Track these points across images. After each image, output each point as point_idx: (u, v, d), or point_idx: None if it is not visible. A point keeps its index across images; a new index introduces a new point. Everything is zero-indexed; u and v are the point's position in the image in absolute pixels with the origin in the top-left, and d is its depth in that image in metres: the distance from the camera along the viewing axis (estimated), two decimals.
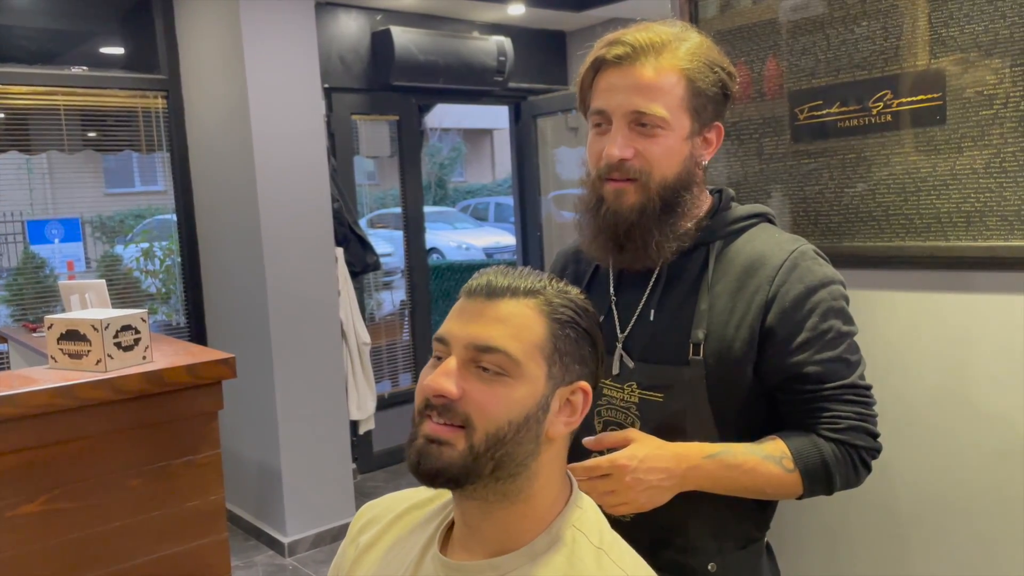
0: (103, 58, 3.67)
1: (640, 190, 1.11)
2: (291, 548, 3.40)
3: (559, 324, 0.86)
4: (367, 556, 0.99)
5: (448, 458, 0.82)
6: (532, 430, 0.84)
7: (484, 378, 0.83)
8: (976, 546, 1.36)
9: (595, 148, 1.14)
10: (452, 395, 0.81)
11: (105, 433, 1.79)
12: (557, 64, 5.09)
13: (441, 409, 0.82)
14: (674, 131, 1.10)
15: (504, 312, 0.84)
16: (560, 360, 0.85)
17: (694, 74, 1.10)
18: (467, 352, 0.83)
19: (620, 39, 1.11)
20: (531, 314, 0.85)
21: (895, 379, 1.41)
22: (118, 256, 4.11)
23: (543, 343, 0.84)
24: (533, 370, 0.84)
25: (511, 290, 0.85)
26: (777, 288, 1.10)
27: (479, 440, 0.81)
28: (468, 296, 0.87)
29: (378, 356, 4.43)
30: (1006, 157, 1.28)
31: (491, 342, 0.82)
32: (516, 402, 0.83)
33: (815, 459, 1.08)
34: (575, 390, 0.88)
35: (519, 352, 0.83)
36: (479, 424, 0.81)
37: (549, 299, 0.86)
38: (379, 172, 9.51)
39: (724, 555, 1.14)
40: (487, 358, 0.82)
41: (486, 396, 0.82)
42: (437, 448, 0.82)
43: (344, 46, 4.13)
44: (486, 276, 0.88)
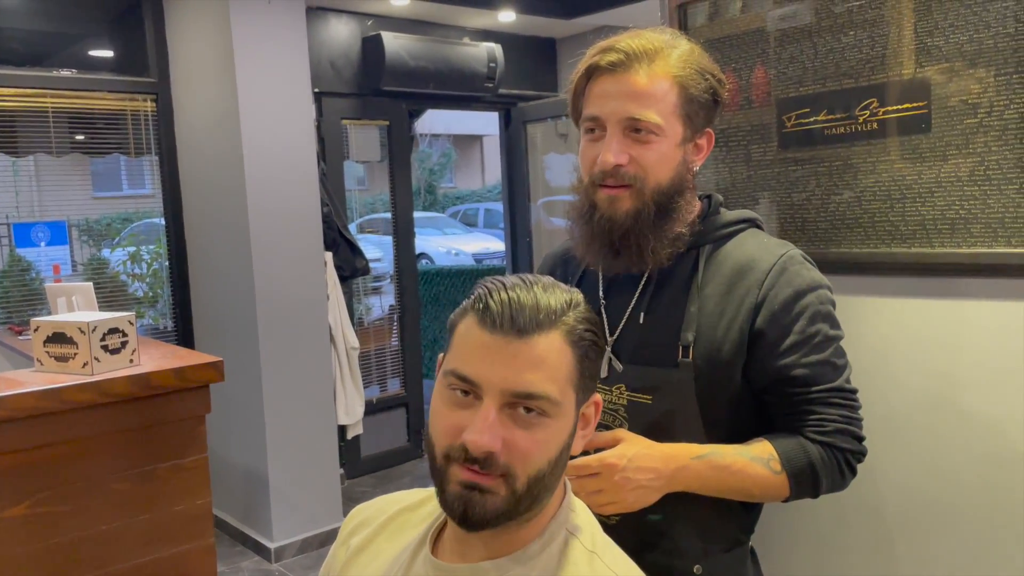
0: (92, 61, 3.66)
1: (635, 196, 1.12)
2: (278, 553, 3.38)
3: (582, 349, 0.84)
4: (358, 559, 0.99)
5: (493, 506, 0.80)
6: (564, 458, 0.84)
7: (523, 422, 0.80)
8: (962, 550, 1.37)
9: (588, 154, 1.15)
10: (497, 450, 0.79)
11: (91, 436, 1.79)
12: (547, 71, 5.11)
13: (482, 463, 0.79)
14: (667, 137, 1.12)
15: (538, 353, 0.80)
16: (583, 383, 0.85)
17: (686, 81, 1.12)
18: (503, 398, 0.80)
19: (613, 46, 1.12)
20: (559, 347, 0.82)
21: (881, 383, 1.42)
22: (105, 260, 4.09)
23: (572, 374, 0.83)
24: (567, 404, 0.83)
25: (538, 324, 0.80)
26: (766, 291, 1.11)
27: (521, 485, 0.80)
28: (491, 330, 0.81)
29: (367, 361, 4.42)
30: (990, 165, 1.29)
31: (532, 388, 0.79)
32: (554, 443, 0.82)
33: (802, 461, 1.09)
34: (589, 404, 0.89)
35: (557, 393, 0.81)
36: (521, 472, 0.80)
37: (571, 326, 0.83)
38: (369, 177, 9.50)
39: (709, 557, 1.15)
40: (529, 404, 0.80)
41: (529, 443, 0.80)
42: (480, 496, 0.80)
43: (335, 51, 4.14)
44: (504, 301, 0.81)
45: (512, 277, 0.86)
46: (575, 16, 4.40)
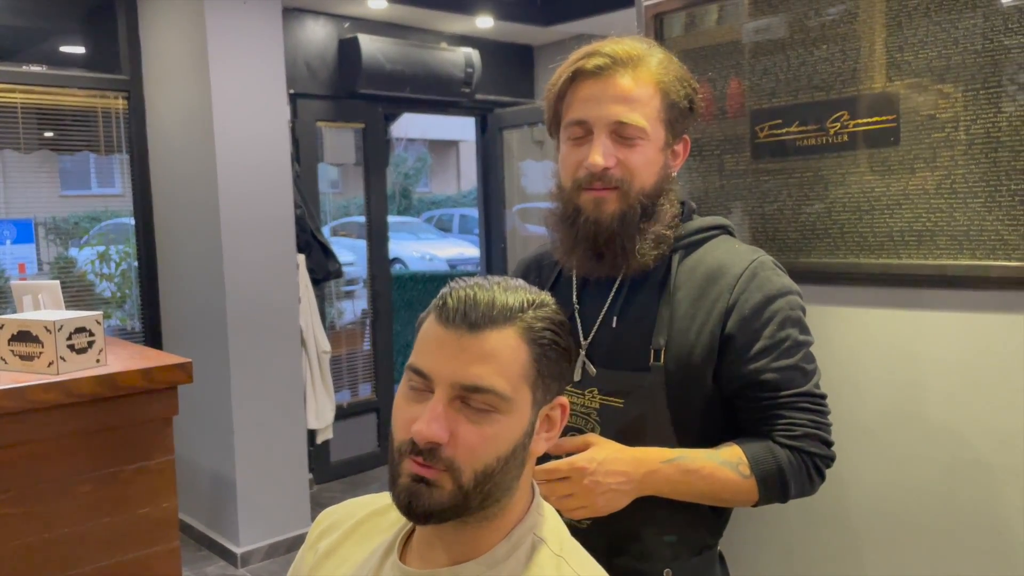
0: (63, 57, 3.61)
1: (621, 198, 1.13)
2: (244, 559, 3.35)
3: (541, 348, 0.84)
4: (326, 563, 0.98)
5: (438, 499, 0.80)
6: (518, 457, 0.84)
7: (472, 417, 0.80)
8: (927, 557, 1.39)
9: (572, 158, 1.15)
10: (443, 441, 0.79)
11: (56, 437, 1.75)
12: (524, 77, 5.13)
13: (427, 454, 0.80)
14: (652, 141, 1.14)
15: (488, 347, 0.81)
16: (542, 383, 0.85)
17: (668, 87, 1.14)
18: (453, 391, 0.80)
19: (598, 51, 1.14)
20: (514, 344, 0.82)
21: (848, 392, 1.44)
22: (72, 259, 4.02)
23: (527, 371, 0.83)
24: (520, 402, 0.82)
25: (491, 319, 0.81)
26: (737, 296, 1.12)
27: (467, 480, 0.80)
28: (445, 324, 0.82)
29: (338, 365, 4.39)
30: (956, 179, 1.32)
31: (480, 382, 0.80)
32: (504, 438, 0.82)
33: (771, 465, 1.10)
34: (554, 406, 0.88)
35: (507, 388, 0.81)
36: (466, 465, 0.80)
37: (529, 323, 0.83)
38: (343, 181, 9.45)
39: (679, 561, 1.16)
40: (476, 398, 0.80)
41: (475, 437, 0.80)
42: (427, 489, 0.80)
43: (311, 52, 4.12)
44: (461, 297, 0.83)
45: (478, 277, 0.87)
46: (553, 24, 4.42)
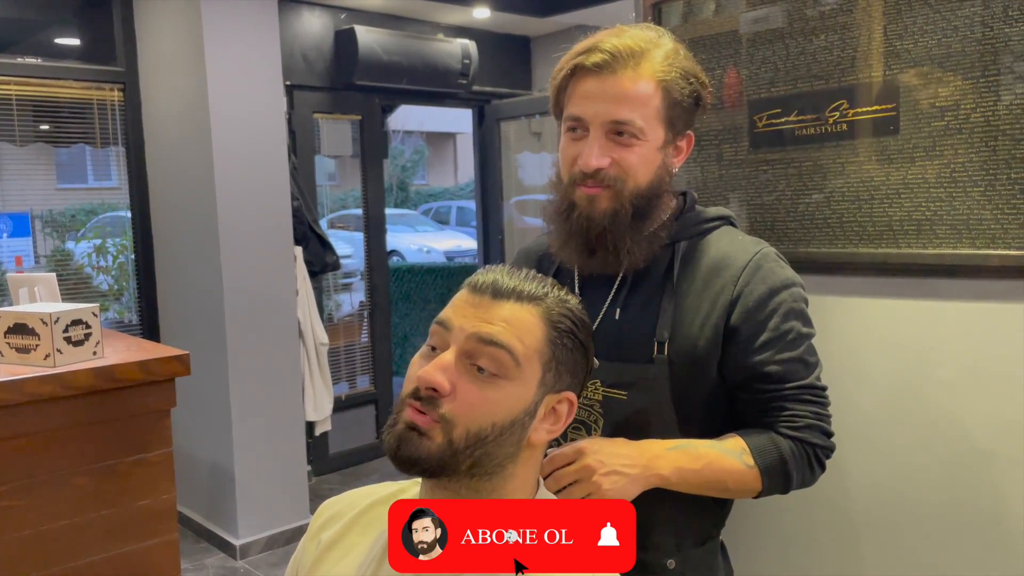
0: (58, 49, 3.59)
1: (613, 197, 1.12)
2: (243, 551, 3.35)
3: (558, 333, 0.87)
4: (330, 554, 0.98)
5: (426, 449, 0.82)
6: (515, 434, 0.85)
7: (477, 378, 0.83)
8: (927, 547, 1.39)
9: (569, 153, 1.14)
10: (444, 390, 0.82)
11: (53, 429, 1.75)
12: (521, 69, 5.11)
13: (426, 400, 0.82)
14: (649, 141, 1.11)
15: (508, 313, 0.85)
16: (555, 368, 0.87)
17: (670, 85, 1.11)
18: (469, 343, 0.84)
19: (598, 46, 1.11)
20: (533, 320, 0.85)
21: (848, 382, 1.44)
22: (69, 252, 4.01)
23: (542, 348, 0.85)
24: (529, 374, 0.84)
25: (516, 293, 0.86)
26: (741, 288, 1.12)
27: (459, 436, 0.82)
28: (472, 291, 0.87)
29: (336, 357, 4.39)
30: (956, 168, 1.32)
31: (496, 337, 0.83)
32: (504, 406, 0.83)
33: (774, 455, 1.10)
34: (562, 399, 0.89)
35: (521, 352, 0.84)
36: (460, 422, 0.82)
37: (550, 307, 0.87)
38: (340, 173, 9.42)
39: (683, 552, 1.16)
40: (489, 352, 0.83)
41: (475, 397, 0.82)
42: (418, 437, 0.82)
43: (307, 44, 4.10)
44: (492, 275, 0.88)
45: (509, 267, 0.91)
46: (550, 14, 4.40)
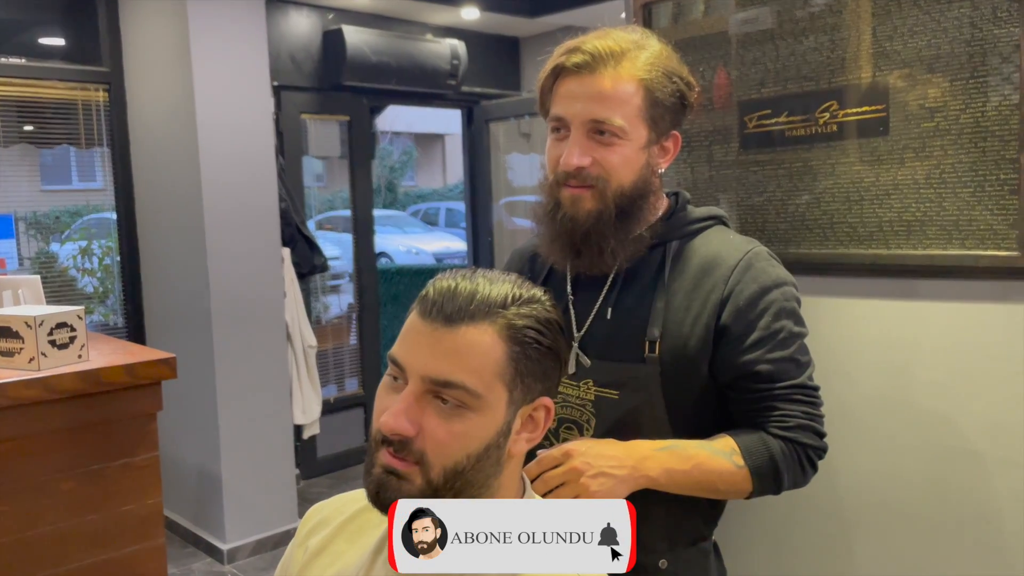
0: (42, 48, 3.55)
1: (597, 197, 1.12)
2: (230, 555, 3.32)
3: (521, 346, 0.82)
4: (318, 560, 0.97)
5: (407, 492, 0.80)
6: (492, 456, 0.83)
7: (443, 411, 0.80)
8: (917, 546, 1.39)
9: (554, 153, 1.15)
10: (408, 433, 0.79)
11: (38, 434, 1.73)
12: (510, 69, 5.11)
13: (397, 446, 0.80)
14: (631, 140, 1.12)
15: (462, 343, 0.80)
16: (521, 382, 0.83)
17: (652, 84, 1.11)
18: (424, 384, 0.80)
19: (580, 47, 1.12)
20: (490, 341, 0.81)
21: (838, 382, 1.44)
22: (53, 254, 3.98)
23: (503, 370, 0.81)
24: (494, 400, 0.81)
25: (468, 314, 0.80)
26: (732, 287, 1.12)
27: (436, 475, 0.80)
28: (423, 317, 0.82)
29: (324, 360, 4.36)
30: (945, 169, 1.32)
31: (449, 377, 0.79)
32: (475, 436, 0.81)
33: (764, 456, 1.10)
34: (537, 407, 0.87)
35: (479, 385, 0.80)
36: (435, 461, 0.80)
37: (510, 320, 0.82)
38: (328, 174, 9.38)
39: (675, 552, 1.16)
40: (444, 392, 0.80)
41: (442, 432, 0.80)
42: (396, 481, 0.80)
43: (295, 44, 4.08)
44: (441, 289, 0.83)
45: (467, 269, 0.86)
46: (539, 15, 4.40)
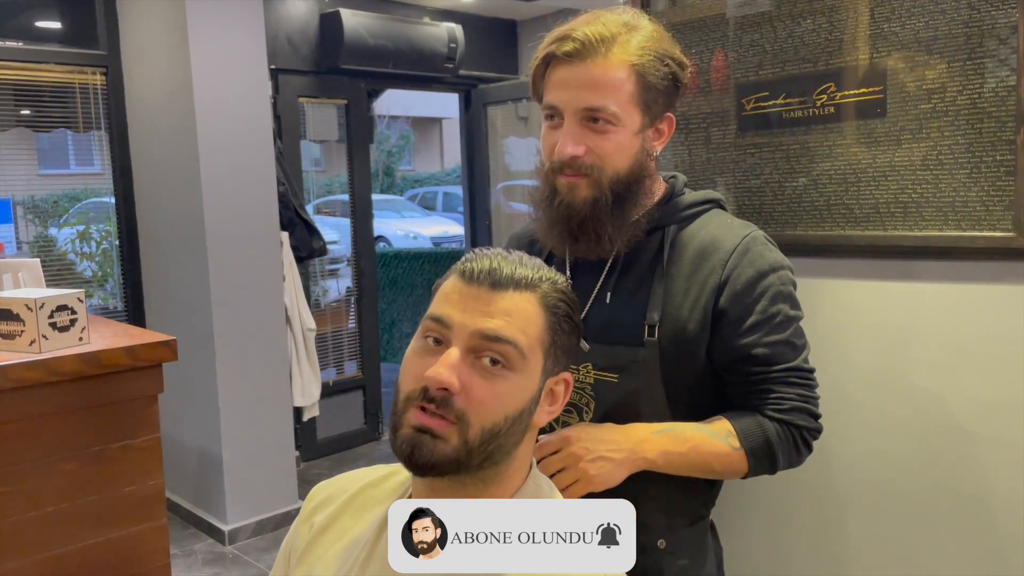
0: (39, 32, 3.54)
1: (592, 185, 1.12)
2: (232, 536, 3.35)
3: (556, 317, 0.86)
4: (323, 537, 0.98)
5: (442, 452, 0.81)
6: (524, 422, 0.85)
7: (485, 372, 0.82)
8: (912, 525, 1.41)
9: (548, 141, 1.15)
10: (455, 389, 0.80)
11: (39, 416, 1.74)
12: (508, 53, 5.09)
13: (439, 402, 0.81)
14: (625, 127, 1.11)
15: (509, 305, 0.83)
16: (555, 352, 0.86)
17: (644, 68, 1.11)
18: (472, 340, 0.82)
19: (569, 34, 1.11)
20: (532, 308, 0.84)
21: (834, 362, 1.45)
22: (52, 239, 3.98)
23: (543, 336, 0.85)
24: (533, 363, 0.84)
25: (514, 281, 0.84)
26: (730, 271, 1.13)
27: (474, 436, 0.81)
28: (468, 281, 0.84)
29: (323, 343, 4.38)
30: (942, 150, 1.32)
31: (501, 332, 0.82)
32: (514, 398, 0.83)
33: (759, 437, 1.11)
34: (559, 380, 0.89)
35: (525, 345, 0.83)
36: (475, 420, 0.81)
37: (546, 292, 0.86)
38: (326, 159, 9.37)
39: (673, 532, 1.17)
40: (495, 348, 0.81)
41: (486, 392, 0.81)
42: (431, 440, 0.81)
43: (292, 27, 4.06)
44: (487, 261, 0.86)
45: (498, 249, 0.89)
46: None
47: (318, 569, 0.96)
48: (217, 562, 3.23)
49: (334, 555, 0.95)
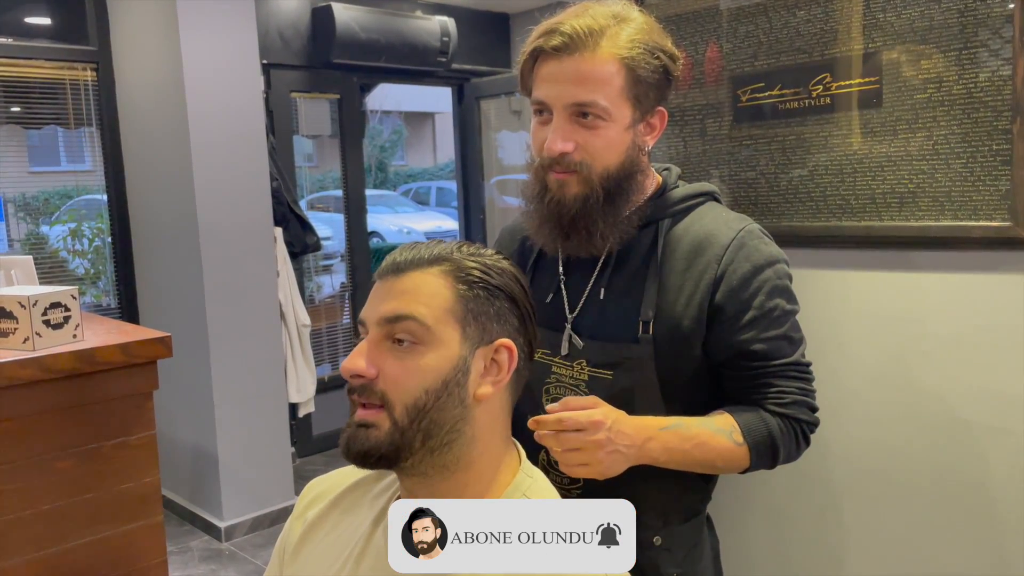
0: (29, 28, 3.51)
1: (583, 182, 1.10)
2: (228, 532, 3.34)
3: (467, 285, 0.87)
4: (315, 532, 0.98)
5: (375, 438, 0.83)
6: (454, 394, 0.85)
7: (397, 352, 0.84)
8: (910, 515, 1.41)
9: (538, 136, 1.13)
10: (365, 372, 0.84)
11: (33, 413, 1.73)
12: (501, 47, 5.07)
13: (360, 390, 0.84)
14: (615, 121, 1.10)
15: (410, 284, 0.86)
16: (475, 321, 0.86)
17: (634, 62, 1.09)
18: (380, 328, 0.85)
19: (557, 28, 1.09)
20: (437, 281, 0.86)
21: (831, 354, 1.45)
22: (44, 236, 3.95)
23: (453, 306, 0.85)
24: (445, 334, 0.84)
25: (415, 262, 0.87)
26: (725, 267, 1.11)
27: (400, 415, 0.83)
28: (378, 278, 0.89)
29: (318, 339, 4.37)
30: (938, 140, 1.32)
31: (399, 311, 0.84)
32: (430, 370, 0.84)
33: (762, 432, 1.11)
34: (498, 348, 0.88)
35: (428, 317, 0.84)
36: (396, 399, 0.83)
37: (456, 262, 0.87)
38: (318, 155, 9.33)
39: (669, 528, 1.17)
40: (399, 328, 0.84)
41: (398, 370, 0.84)
42: (364, 431, 0.84)
43: (283, 21, 4.04)
44: (393, 256, 0.89)
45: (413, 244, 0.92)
46: None
47: (311, 565, 0.95)
48: (213, 559, 3.23)
49: (327, 551, 0.95)
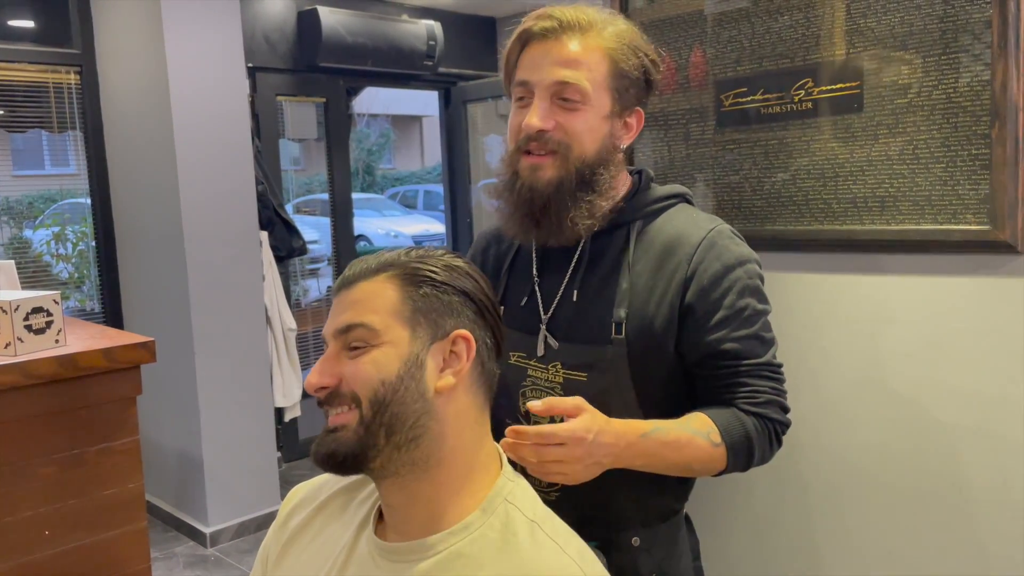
0: (12, 31, 3.49)
1: (558, 164, 1.12)
2: (213, 538, 3.32)
3: (415, 286, 0.89)
4: (299, 538, 0.98)
5: (341, 439, 0.86)
6: (411, 388, 0.86)
7: (352, 356, 0.87)
8: (891, 516, 1.42)
9: (516, 122, 1.15)
10: (326, 383, 0.87)
11: (15, 419, 1.71)
12: (487, 50, 5.08)
13: (328, 399, 0.87)
14: (595, 108, 1.12)
15: (360, 294, 0.89)
16: (424, 318, 0.88)
17: (617, 55, 1.12)
18: (336, 340, 0.88)
19: (548, 13, 1.13)
20: (381, 287, 0.89)
21: (812, 357, 1.46)
22: (27, 240, 3.92)
23: (399, 308, 0.88)
24: (394, 335, 0.87)
25: (363, 273, 0.90)
26: (695, 266, 1.12)
27: (367, 409, 0.85)
28: (333, 296, 0.93)
29: (304, 343, 4.35)
30: (918, 145, 1.33)
31: (350, 320, 0.88)
32: (383, 363, 0.86)
33: (740, 433, 1.11)
34: (455, 339, 0.89)
35: (376, 322, 0.87)
36: (362, 394, 0.85)
37: (402, 266, 0.90)
38: (305, 158, 9.31)
39: (647, 528, 1.17)
40: (351, 336, 0.87)
41: (355, 368, 0.86)
42: (332, 435, 0.86)
43: (269, 24, 4.03)
44: (344, 271, 0.93)
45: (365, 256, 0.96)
46: None
47: (295, 572, 0.95)
48: (199, 564, 3.21)
49: (312, 558, 0.94)
